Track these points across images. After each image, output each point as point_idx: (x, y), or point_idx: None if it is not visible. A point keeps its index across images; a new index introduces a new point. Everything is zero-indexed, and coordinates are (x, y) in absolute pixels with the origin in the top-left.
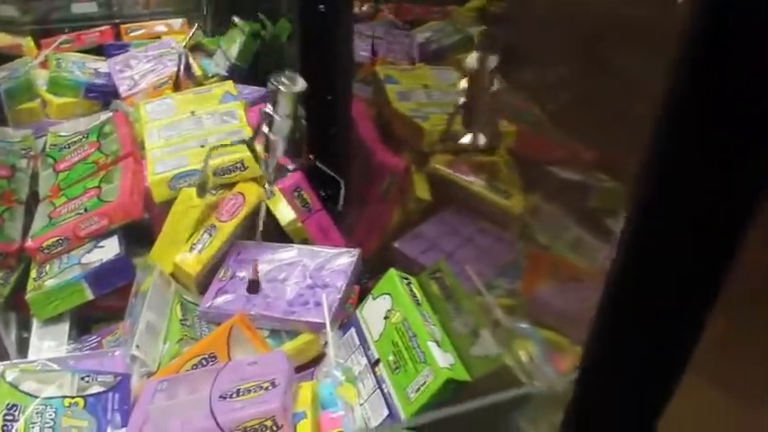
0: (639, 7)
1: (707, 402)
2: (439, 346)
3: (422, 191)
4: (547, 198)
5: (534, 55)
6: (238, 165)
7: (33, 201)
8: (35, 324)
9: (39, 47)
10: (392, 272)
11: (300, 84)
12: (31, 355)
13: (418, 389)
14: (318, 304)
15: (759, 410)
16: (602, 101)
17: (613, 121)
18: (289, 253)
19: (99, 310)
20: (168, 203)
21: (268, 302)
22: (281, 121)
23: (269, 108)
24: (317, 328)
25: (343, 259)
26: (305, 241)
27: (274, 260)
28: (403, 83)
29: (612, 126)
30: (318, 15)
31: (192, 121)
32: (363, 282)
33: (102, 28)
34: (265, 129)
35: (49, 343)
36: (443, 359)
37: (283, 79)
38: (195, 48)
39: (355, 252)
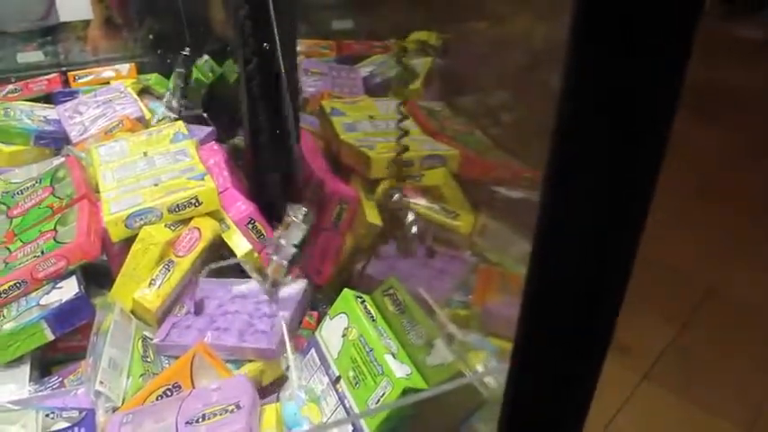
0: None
1: (661, 408)
2: (395, 358)
3: (372, 216)
4: (493, 216)
5: (475, 80)
6: (193, 201)
7: None
8: None
9: None
10: (347, 291)
11: (311, 218)
12: None
13: (378, 400)
14: (265, 332)
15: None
16: (537, 123)
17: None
18: (241, 286)
19: (58, 352)
20: (124, 243)
21: (220, 334)
22: (288, 248)
23: (278, 232)
24: (269, 356)
25: (293, 287)
26: (260, 270)
27: (228, 293)
28: (349, 115)
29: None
30: (263, 51)
31: (144, 161)
32: (321, 308)
33: (50, 76)
34: (271, 252)
35: (9, 386)
36: (400, 370)
37: (299, 213)
38: (143, 91)
39: (303, 281)
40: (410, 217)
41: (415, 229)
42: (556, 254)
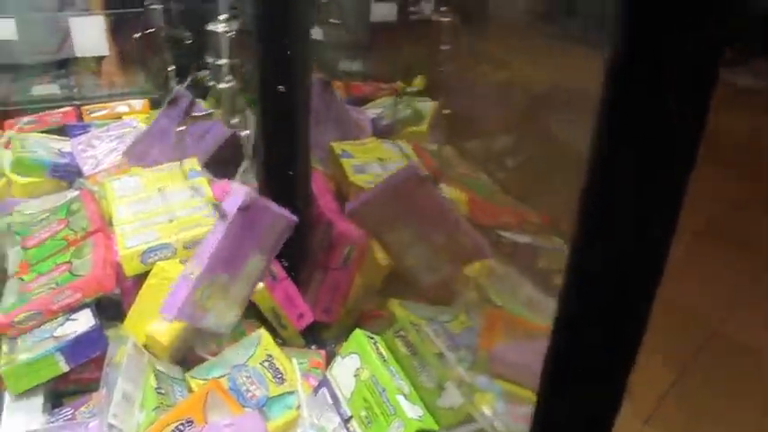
0: (574, 78)
1: None
2: (407, 399)
3: (382, 258)
4: (500, 260)
5: (480, 125)
6: None
7: (1, 277)
8: (7, 399)
9: (2, 128)
10: (358, 332)
11: None
12: (4, 430)
13: None
14: None
15: None
16: (542, 166)
17: (556, 185)
18: None
19: (71, 384)
20: (138, 277)
21: None
22: None
23: None
24: None
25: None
26: (272, 309)
27: None
28: (358, 156)
29: (556, 191)
30: (278, 96)
31: (159, 197)
32: (330, 346)
33: (64, 109)
34: None
35: (22, 417)
36: (412, 411)
37: None
38: None
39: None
40: None
41: None
42: (582, 308)
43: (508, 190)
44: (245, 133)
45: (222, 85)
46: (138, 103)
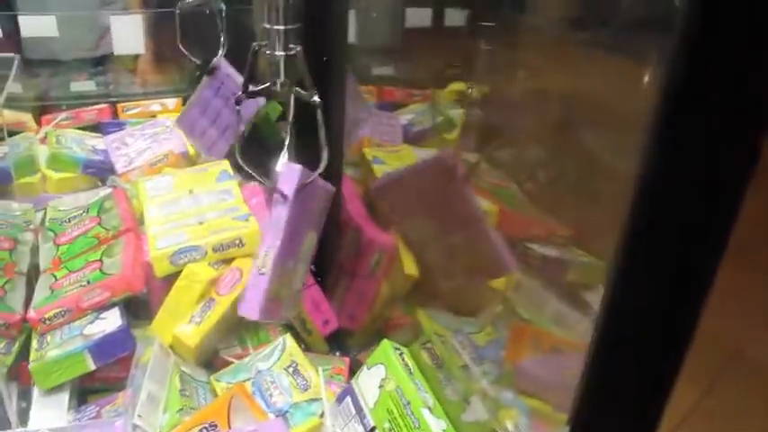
0: (610, 89)
1: None
2: (431, 412)
3: (409, 267)
4: (527, 273)
5: (512, 135)
6: (237, 241)
7: (34, 272)
8: (35, 394)
9: (39, 123)
10: (386, 342)
11: None
12: (32, 426)
13: None
14: None
15: None
16: (575, 179)
17: (587, 198)
18: None
19: (97, 382)
20: (166, 278)
21: None
22: None
23: None
24: None
25: None
26: (298, 314)
27: None
28: (389, 163)
29: (587, 204)
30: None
31: (190, 198)
32: (353, 354)
33: (100, 106)
34: None
35: (49, 413)
36: (437, 425)
37: None
38: None
39: None
40: None
41: None
42: (621, 331)
43: (538, 201)
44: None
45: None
46: (172, 102)
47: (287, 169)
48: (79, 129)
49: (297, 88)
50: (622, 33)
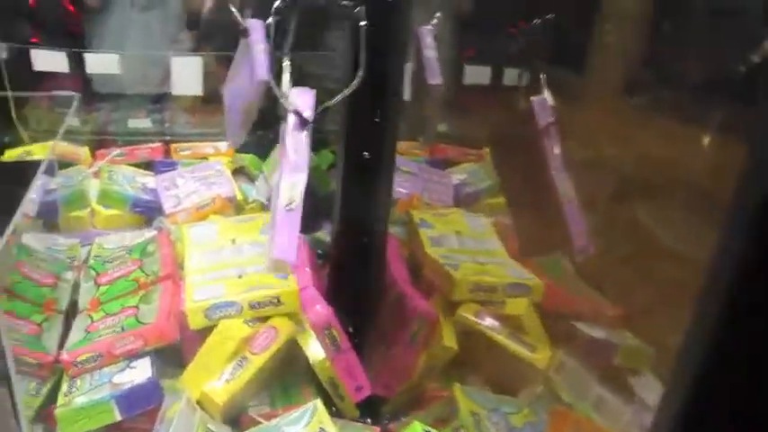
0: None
1: None
2: None
3: (449, 339)
4: (572, 354)
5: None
6: (274, 300)
7: (72, 311)
8: None
9: (93, 157)
10: (416, 425)
11: None
12: None
13: None
14: None
15: None
16: (625, 255)
17: (639, 278)
18: None
19: None
20: (201, 329)
21: None
22: None
23: None
24: None
25: None
26: (331, 379)
27: None
28: (436, 227)
29: (639, 284)
30: (362, 161)
31: (232, 248)
32: (384, 423)
33: (154, 145)
34: None
35: None
36: None
37: None
38: (238, 171)
39: None
40: None
41: None
42: None
43: (587, 276)
44: None
45: None
46: (224, 145)
47: (301, 92)
48: (132, 165)
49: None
50: (688, 97)
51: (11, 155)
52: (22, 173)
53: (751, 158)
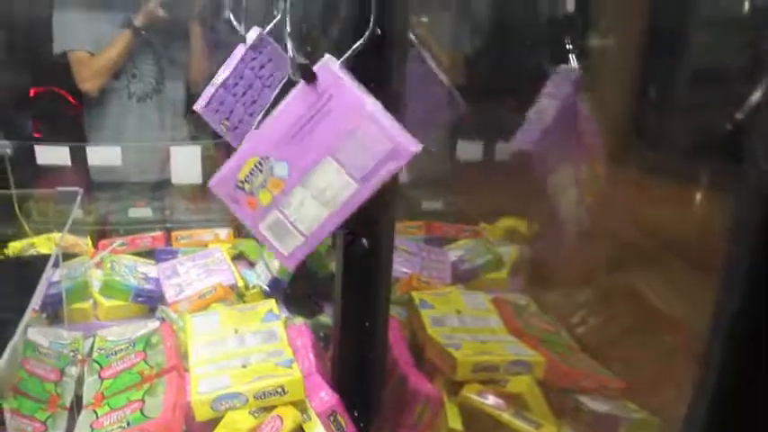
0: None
1: None
2: None
3: (454, 421)
4: (576, 429)
5: (561, 276)
6: (279, 389)
7: (76, 403)
8: None
9: (96, 246)
10: None
11: None
12: None
13: None
14: None
15: None
16: (627, 327)
17: (641, 349)
18: None
19: None
20: (206, 421)
21: None
22: None
23: None
24: None
25: None
26: None
27: None
28: (437, 308)
29: (641, 355)
30: (361, 248)
31: (235, 338)
32: None
33: (155, 234)
34: None
35: None
36: None
37: None
38: (238, 256)
39: None
40: None
41: None
42: None
43: (588, 349)
44: None
45: None
46: (224, 232)
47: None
48: (134, 254)
49: None
50: (684, 159)
51: (15, 247)
52: (29, 267)
53: (737, 216)
